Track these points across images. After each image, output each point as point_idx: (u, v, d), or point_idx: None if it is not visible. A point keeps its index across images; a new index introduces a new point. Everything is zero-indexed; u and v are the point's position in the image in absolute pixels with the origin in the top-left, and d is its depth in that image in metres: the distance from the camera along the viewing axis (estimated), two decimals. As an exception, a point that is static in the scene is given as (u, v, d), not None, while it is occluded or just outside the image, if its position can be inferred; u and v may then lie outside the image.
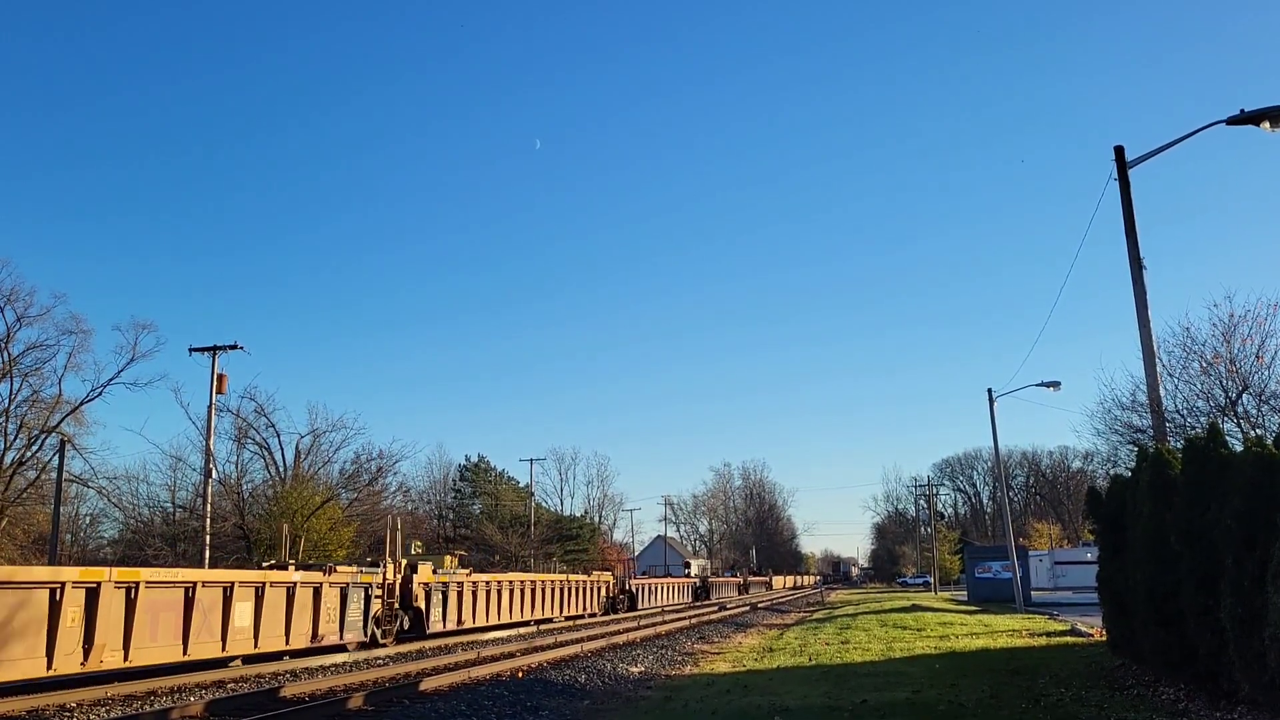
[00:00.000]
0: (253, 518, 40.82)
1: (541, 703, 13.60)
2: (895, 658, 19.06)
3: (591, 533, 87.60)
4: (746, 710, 12.05)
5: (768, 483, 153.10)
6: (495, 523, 71.29)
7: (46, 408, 42.89)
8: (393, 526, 28.16)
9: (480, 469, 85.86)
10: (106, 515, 50.83)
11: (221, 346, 36.89)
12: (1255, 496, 9.16)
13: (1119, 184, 16.97)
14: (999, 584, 46.73)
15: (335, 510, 42.38)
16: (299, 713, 12.69)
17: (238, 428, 43.86)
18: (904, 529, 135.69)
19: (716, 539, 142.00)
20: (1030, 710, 11.26)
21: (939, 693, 12.98)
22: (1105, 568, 14.72)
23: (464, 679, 16.56)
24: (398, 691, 14.78)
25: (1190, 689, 11.30)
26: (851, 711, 11.57)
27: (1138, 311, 16.54)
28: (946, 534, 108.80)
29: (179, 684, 16.16)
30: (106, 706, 14.07)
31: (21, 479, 42.53)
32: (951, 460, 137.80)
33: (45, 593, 14.39)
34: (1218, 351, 19.28)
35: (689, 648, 23.84)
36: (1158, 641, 11.77)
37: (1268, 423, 17.88)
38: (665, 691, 14.89)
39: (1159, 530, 11.43)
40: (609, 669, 18.10)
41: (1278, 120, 14.45)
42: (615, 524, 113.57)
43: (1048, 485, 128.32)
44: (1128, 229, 16.79)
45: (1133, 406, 21.14)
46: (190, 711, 13.05)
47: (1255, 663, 8.87)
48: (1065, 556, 73.87)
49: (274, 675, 17.95)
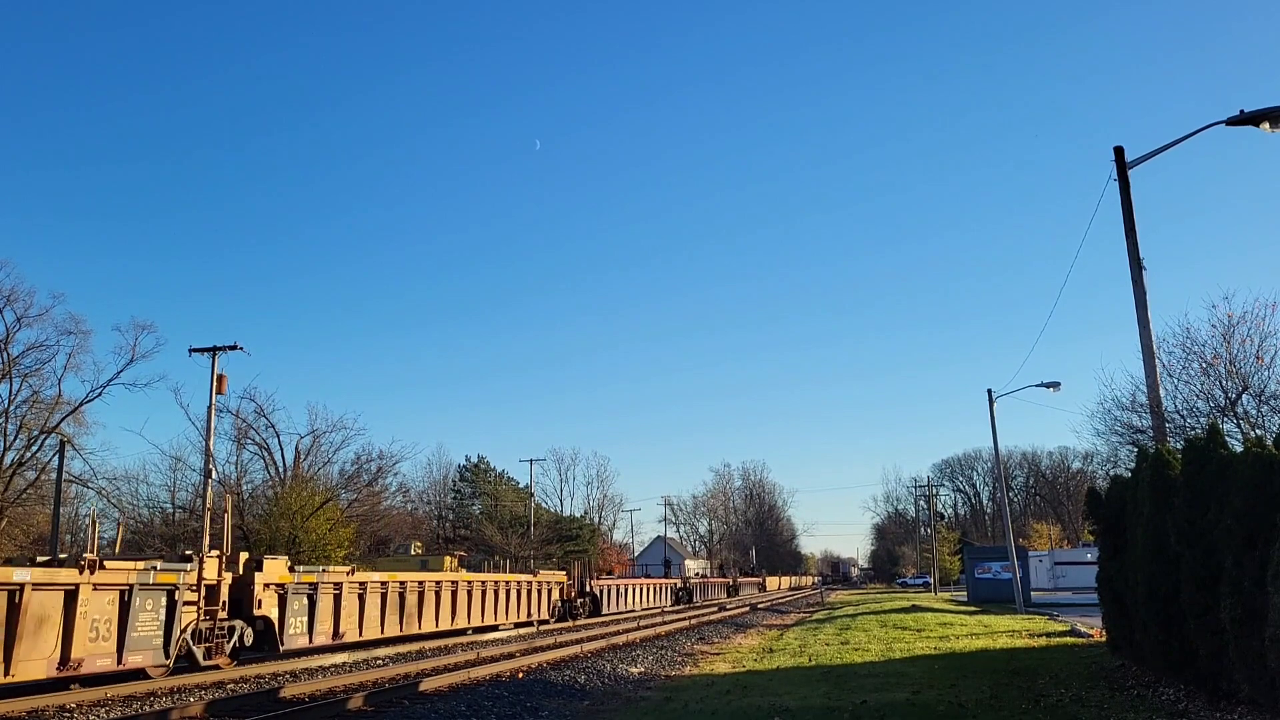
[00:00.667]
0: (252, 518, 40.81)
1: (541, 703, 13.60)
2: (895, 658, 19.05)
3: (591, 533, 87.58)
4: (746, 711, 12.04)
5: (768, 483, 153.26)
6: (495, 523, 71.31)
7: (46, 408, 42.94)
8: (224, 508, 24.23)
9: (480, 469, 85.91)
10: (106, 515, 50.86)
11: (221, 347, 36.79)
12: (1255, 497, 9.15)
13: (1119, 184, 16.96)
14: (999, 584, 46.72)
15: (335, 511, 42.37)
16: (299, 713, 12.69)
17: (237, 428, 43.94)
18: (904, 530, 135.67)
19: (716, 539, 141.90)
20: (1030, 711, 11.25)
21: (939, 693, 12.97)
22: (1105, 568, 14.72)
23: (463, 679, 16.57)
24: (397, 692, 14.78)
25: (1190, 689, 11.29)
26: (851, 712, 11.56)
27: (1137, 312, 16.53)
28: (946, 535, 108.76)
29: (179, 685, 16.16)
30: (106, 707, 14.07)
31: (21, 479, 42.55)
32: (951, 461, 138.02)
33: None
34: (1217, 352, 19.27)
35: (689, 648, 23.83)
36: (1158, 642, 11.76)
37: (1267, 423, 17.87)
38: (665, 692, 14.88)
39: (1159, 531, 11.43)
40: (609, 669, 18.10)
41: (1277, 121, 14.44)
42: (615, 525, 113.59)
43: (1047, 486, 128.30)
44: (1127, 229, 16.78)
45: (1133, 407, 21.13)
46: (190, 712, 13.05)
47: (1255, 663, 8.87)
48: (1065, 557, 73.93)
49: (273, 676, 17.94)
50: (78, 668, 15.11)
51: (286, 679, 17.40)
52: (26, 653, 14.21)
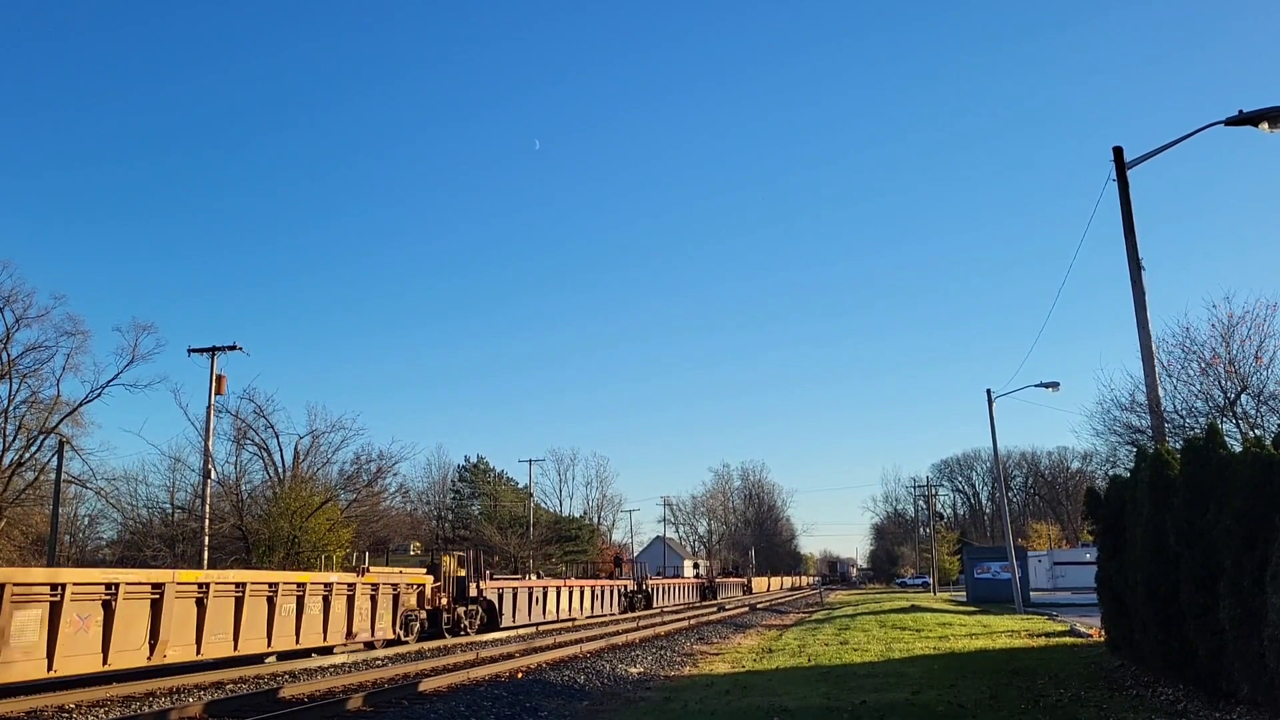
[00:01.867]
0: (251, 519, 40.76)
1: (540, 704, 13.59)
2: (894, 658, 19.04)
3: (591, 534, 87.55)
4: (745, 711, 12.04)
5: (767, 483, 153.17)
6: (494, 524, 71.26)
7: (45, 409, 42.85)
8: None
9: (479, 470, 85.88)
10: (105, 516, 50.85)
11: (220, 347, 36.84)
12: (1254, 497, 9.16)
13: (1118, 184, 16.96)
14: (998, 585, 46.73)
15: (334, 511, 42.30)
16: (298, 714, 12.68)
17: (236, 429, 43.76)
18: (903, 530, 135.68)
19: (715, 540, 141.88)
20: (1029, 711, 11.25)
21: (938, 693, 12.97)
22: (1104, 568, 14.71)
23: (463, 680, 16.56)
24: (397, 692, 14.77)
25: (1189, 689, 11.29)
26: (850, 712, 11.56)
27: (1136, 312, 16.53)
28: (945, 535, 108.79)
29: (178, 685, 16.14)
30: (105, 707, 14.06)
31: (20, 480, 42.49)
32: (950, 461, 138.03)
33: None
34: (1216, 352, 19.29)
35: (688, 648, 23.83)
36: (1157, 642, 11.76)
37: (1266, 423, 17.89)
38: (664, 692, 14.87)
39: (1158, 531, 11.43)
40: (608, 669, 18.09)
41: (1276, 121, 14.44)
42: (615, 525, 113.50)
43: (1046, 486, 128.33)
44: (1126, 229, 16.78)
45: (1132, 407, 21.16)
46: (189, 712, 13.04)
47: (1254, 663, 8.87)
48: (1064, 557, 73.92)
49: (272, 676, 17.93)
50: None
51: (285, 679, 17.38)
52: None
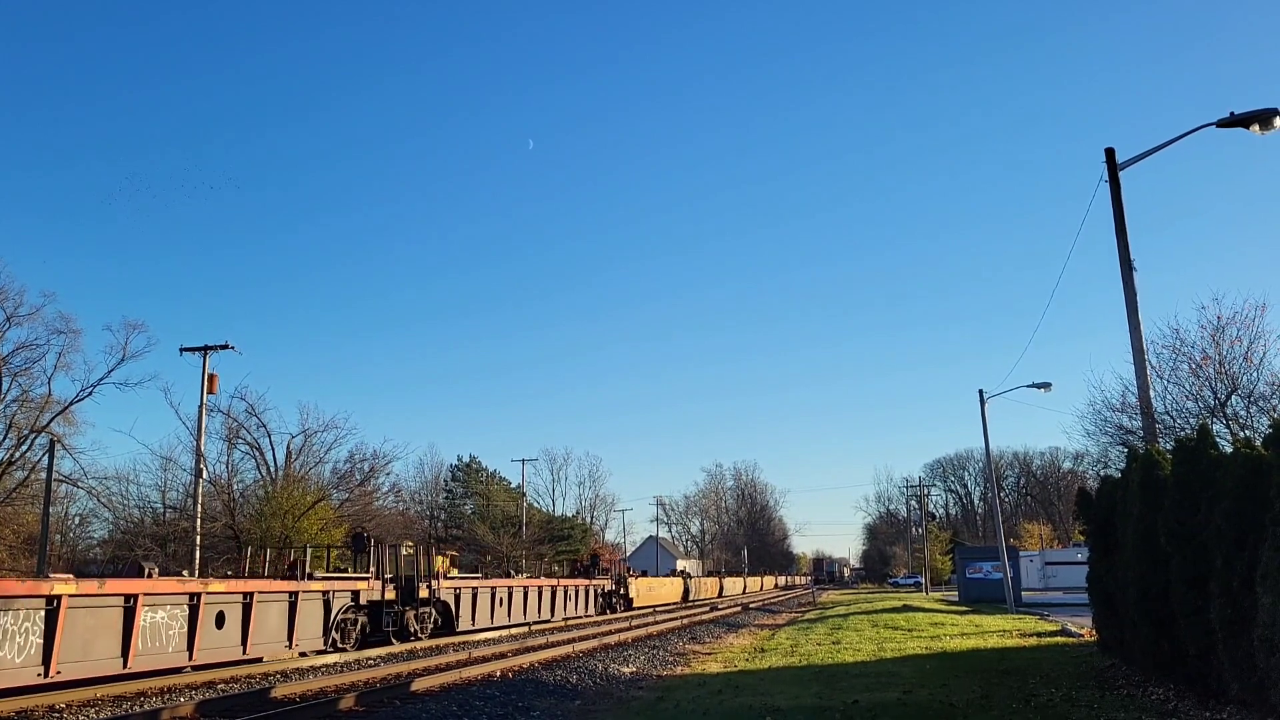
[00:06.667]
0: (244, 518, 40.63)
1: (533, 703, 13.59)
2: (887, 658, 19.08)
3: (583, 533, 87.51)
4: (738, 711, 12.05)
5: (759, 483, 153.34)
6: (487, 523, 71.19)
7: (36, 408, 42.62)
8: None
9: (472, 469, 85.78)
10: (96, 515, 50.61)
11: (212, 346, 36.76)
12: (1244, 498, 9.19)
13: (1109, 186, 17.04)
14: (990, 584, 46.86)
15: (326, 511, 42.20)
16: (290, 713, 12.65)
17: (228, 428, 43.59)
18: (895, 529, 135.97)
19: (708, 539, 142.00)
20: (1021, 710, 11.28)
21: (930, 693, 13.00)
22: (1095, 568, 14.77)
23: (455, 679, 16.53)
24: (389, 692, 14.75)
25: (1180, 689, 11.33)
26: (843, 712, 11.57)
27: (1128, 313, 16.61)
28: (938, 534, 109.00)
29: (169, 684, 16.09)
30: (96, 707, 14.00)
31: (10, 479, 42.29)
32: (943, 461, 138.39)
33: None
34: (1207, 353, 19.30)
35: (681, 648, 23.85)
36: (1148, 642, 11.81)
37: (1257, 424, 17.92)
38: (657, 692, 14.88)
39: (1149, 531, 11.47)
40: (601, 669, 18.08)
41: (1267, 123, 14.53)
42: (607, 524, 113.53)
43: (1038, 486, 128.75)
44: (1118, 231, 16.86)
45: (1123, 408, 21.14)
46: (180, 712, 13.00)
47: (1244, 663, 8.91)
48: (1056, 557, 74.17)
49: (264, 676, 17.89)
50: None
51: (277, 679, 17.35)
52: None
